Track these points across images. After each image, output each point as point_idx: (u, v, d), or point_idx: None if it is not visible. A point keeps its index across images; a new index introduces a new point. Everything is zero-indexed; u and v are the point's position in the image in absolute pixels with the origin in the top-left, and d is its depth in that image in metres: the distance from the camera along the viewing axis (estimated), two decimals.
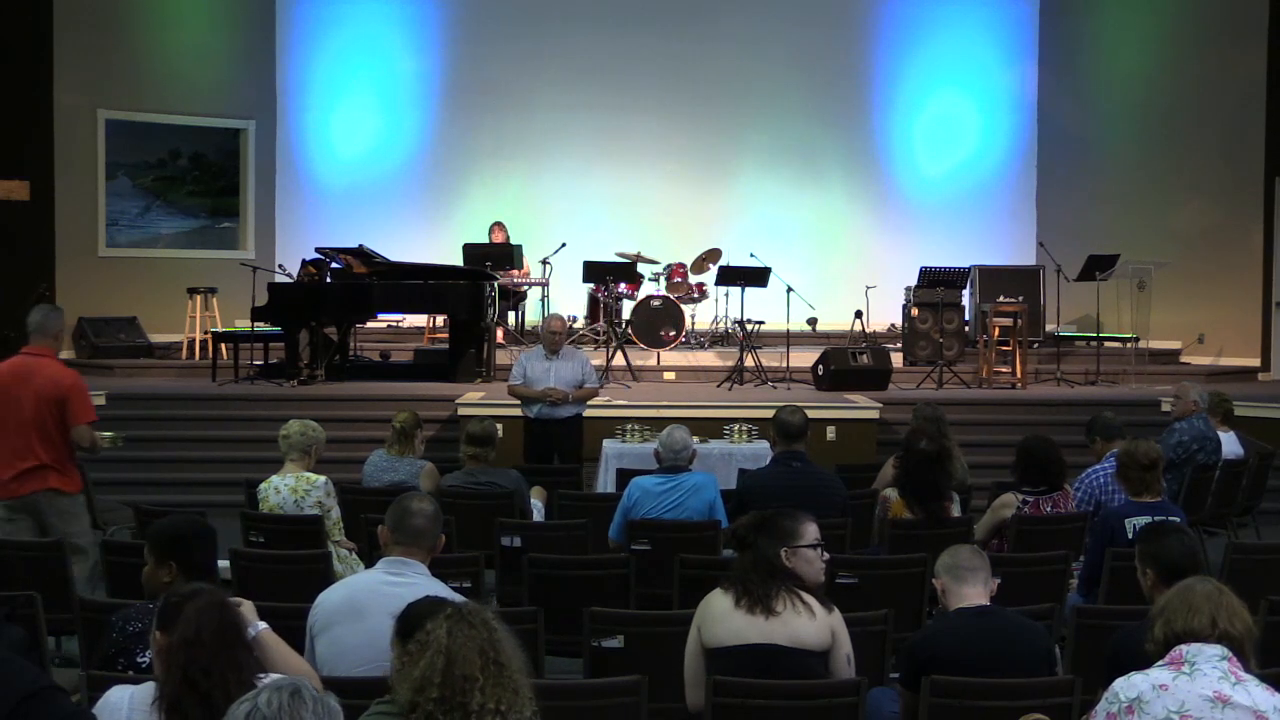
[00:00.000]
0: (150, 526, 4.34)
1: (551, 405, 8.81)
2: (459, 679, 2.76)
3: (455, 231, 15.07)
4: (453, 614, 2.87)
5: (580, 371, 9.02)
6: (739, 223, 15.67)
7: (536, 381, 8.88)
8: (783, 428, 6.61)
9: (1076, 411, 10.56)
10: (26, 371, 6.39)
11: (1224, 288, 14.12)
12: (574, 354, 9.27)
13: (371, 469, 7.20)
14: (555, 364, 8.96)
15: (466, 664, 2.77)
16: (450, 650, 2.79)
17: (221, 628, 3.14)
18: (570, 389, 8.87)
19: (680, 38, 15.84)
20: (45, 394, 6.30)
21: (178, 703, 3.04)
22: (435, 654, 2.80)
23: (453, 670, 2.77)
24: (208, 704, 3.00)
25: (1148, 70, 14.95)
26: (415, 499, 4.23)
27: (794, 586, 4.10)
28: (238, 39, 15.34)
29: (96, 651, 3.94)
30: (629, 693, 3.91)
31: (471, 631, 2.82)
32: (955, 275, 12.98)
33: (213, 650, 3.08)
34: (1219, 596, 3.32)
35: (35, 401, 6.30)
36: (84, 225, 14.17)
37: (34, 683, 2.89)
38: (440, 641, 2.81)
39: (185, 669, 3.06)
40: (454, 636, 2.81)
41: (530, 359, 9.09)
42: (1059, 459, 6.37)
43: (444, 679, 2.76)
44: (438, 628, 2.84)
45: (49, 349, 6.49)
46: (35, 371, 6.36)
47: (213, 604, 3.20)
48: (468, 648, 2.79)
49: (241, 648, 3.17)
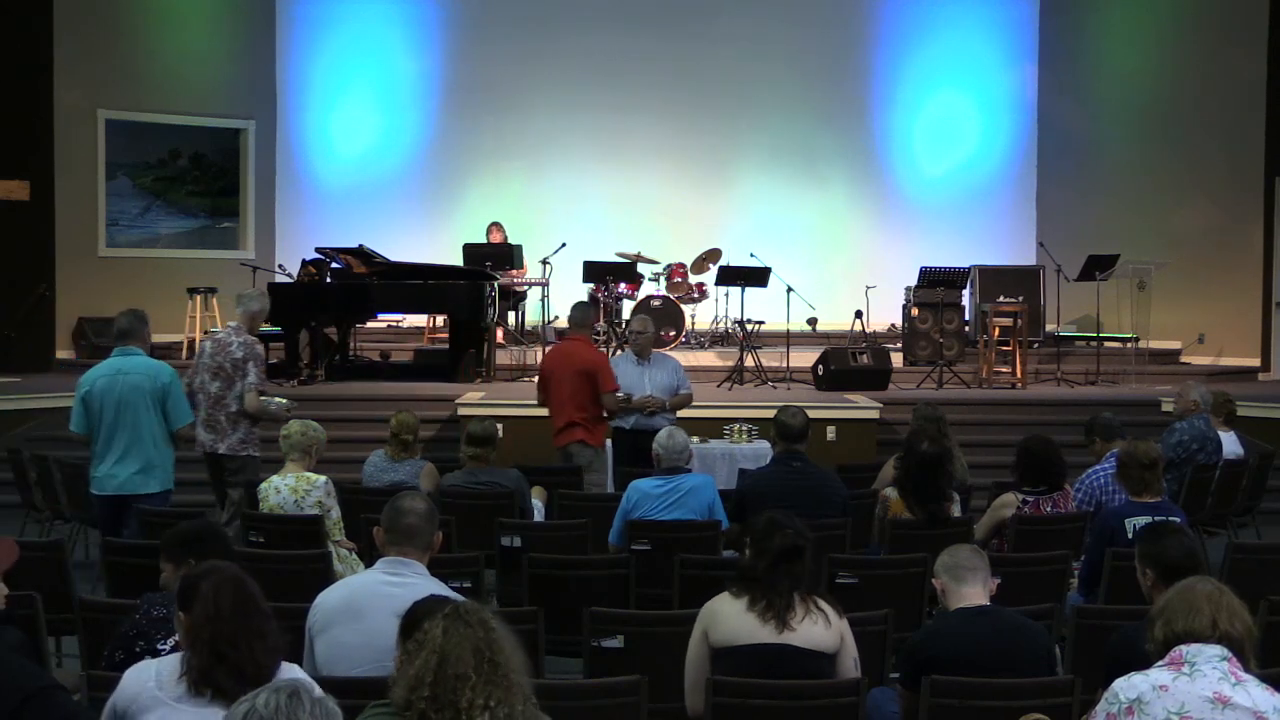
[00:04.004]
0: (164, 533, 4.36)
1: (648, 415, 8.19)
2: (451, 678, 2.77)
3: (455, 231, 15.07)
4: (450, 613, 2.88)
5: (675, 378, 8.48)
6: (739, 223, 15.67)
7: (630, 390, 8.24)
8: (783, 429, 6.61)
9: (1076, 411, 10.55)
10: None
11: (1224, 288, 14.12)
12: (665, 359, 8.70)
13: (371, 469, 7.20)
14: (649, 370, 8.41)
15: (459, 663, 2.79)
16: (444, 649, 2.81)
17: (240, 599, 3.22)
18: (666, 397, 8.35)
19: (680, 38, 15.84)
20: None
21: (208, 674, 3.12)
22: (430, 653, 2.81)
23: (445, 669, 2.78)
24: (239, 674, 3.09)
25: (1148, 70, 14.95)
26: (408, 498, 4.22)
27: (805, 593, 4.12)
28: (238, 39, 15.33)
29: (113, 634, 3.96)
30: (629, 693, 3.92)
31: (467, 630, 2.83)
32: (955, 275, 12.98)
33: (235, 622, 3.17)
34: (1219, 597, 3.32)
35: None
36: (84, 225, 14.16)
37: (36, 682, 2.89)
38: (435, 640, 2.82)
39: (212, 644, 3.14)
40: (449, 635, 2.82)
41: (619, 366, 8.38)
42: (1059, 459, 6.37)
43: (436, 677, 2.78)
44: (434, 627, 2.86)
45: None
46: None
47: (229, 578, 3.28)
48: (461, 646, 2.80)
49: (262, 616, 3.24)
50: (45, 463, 8.34)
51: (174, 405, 6.68)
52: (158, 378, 6.67)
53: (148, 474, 6.64)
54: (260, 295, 7.94)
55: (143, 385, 6.61)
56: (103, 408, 6.62)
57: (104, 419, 6.62)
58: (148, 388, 6.61)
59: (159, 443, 6.66)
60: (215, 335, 7.46)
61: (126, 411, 6.60)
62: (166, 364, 6.94)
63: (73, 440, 10.23)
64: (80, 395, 6.72)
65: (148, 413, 6.61)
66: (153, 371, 6.69)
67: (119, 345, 6.78)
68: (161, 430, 6.66)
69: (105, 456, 6.64)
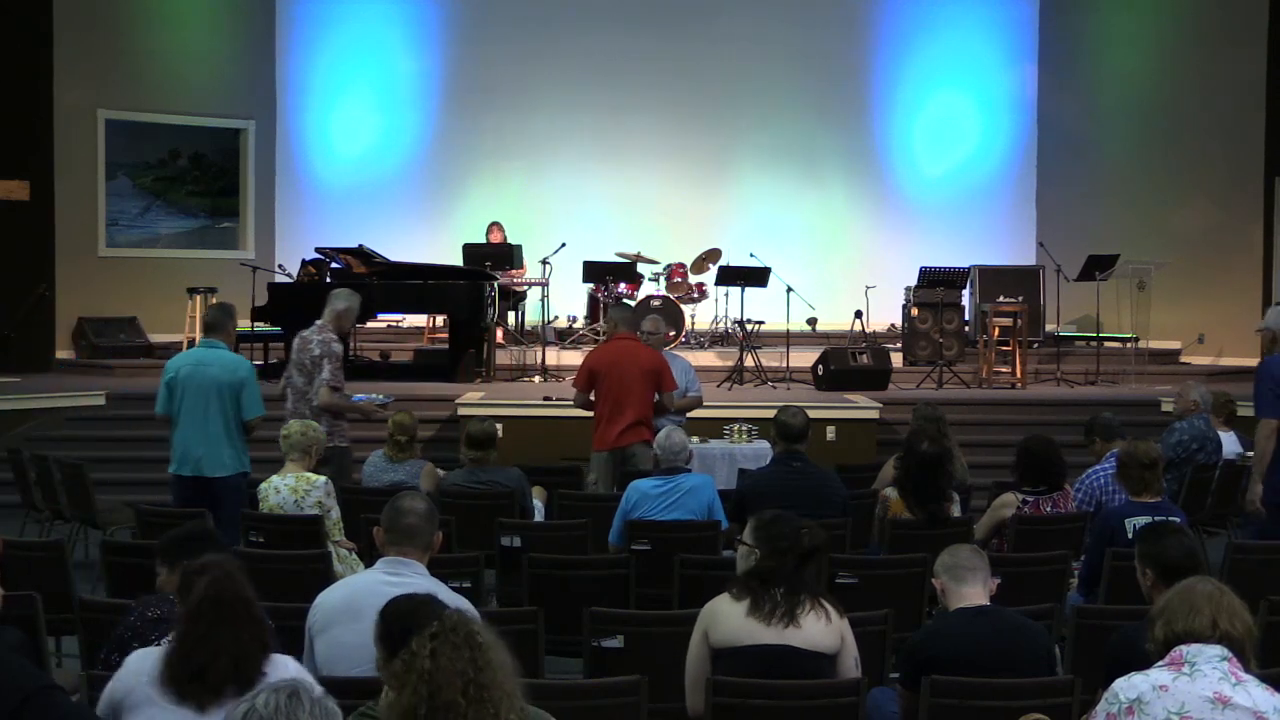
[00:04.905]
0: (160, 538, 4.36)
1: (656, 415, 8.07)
2: (442, 706, 2.73)
3: (455, 231, 15.06)
4: (438, 633, 2.80)
5: (685, 379, 8.51)
6: (739, 223, 15.66)
7: None
8: (783, 429, 6.61)
9: (1076, 411, 10.55)
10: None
11: (1224, 288, 14.12)
12: (675, 360, 8.68)
13: (372, 469, 7.20)
14: None
15: (449, 690, 2.73)
16: (433, 677, 2.74)
17: (237, 595, 3.24)
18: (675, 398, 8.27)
19: (680, 38, 15.83)
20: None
21: (202, 672, 3.14)
22: (420, 682, 2.75)
23: (436, 699, 2.73)
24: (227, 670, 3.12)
25: (1148, 70, 14.96)
26: (407, 498, 4.22)
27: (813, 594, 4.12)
28: (238, 39, 15.33)
29: (110, 636, 3.97)
30: (629, 693, 3.91)
31: (455, 654, 2.76)
32: (955, 275, 12.98)
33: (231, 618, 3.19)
34: (1220, 597, 3.31)
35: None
36: (84, 225, 14.16)
37: (36, 682, 2.89)
38: (424, 668, 2.75)
39: (200, 639, 3.16)
40: (437, 660, 2.76)
41: None
42: (1059, 459, 6.37)
43: (429, 710, 2.73)
44: (422, 649, 2.78)
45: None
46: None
47: (226, 573, 3.30)
48: (450, 672, 2.74)
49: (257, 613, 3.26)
50: (45, 463, 8.34)
51: (247, 398, 7.12)
52: (236, 372, 7.16)
53: (220, 458, 7.09)
54: (347, 294, 8.22)
55: (221, 378, 7.07)
56: (184, 394, 7.11)
57: (184, 405, 7.10)
58: (225, 380, 7.08)
59: (232, 430, 7.10)
60: (302, 333, 7.97)
61: (204, 400, 7.05)
62: (245, 359, 7.48)
63: (72, 440, 10.36)
64: (165, 380, 7.25)
65: (223, 403, 7.07)
66: (231, 365, 7.19)
67: (205, 337, 7.36)
68: (235, 420, 7.11)
69: (183, 439, 7.14)
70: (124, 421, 10.93)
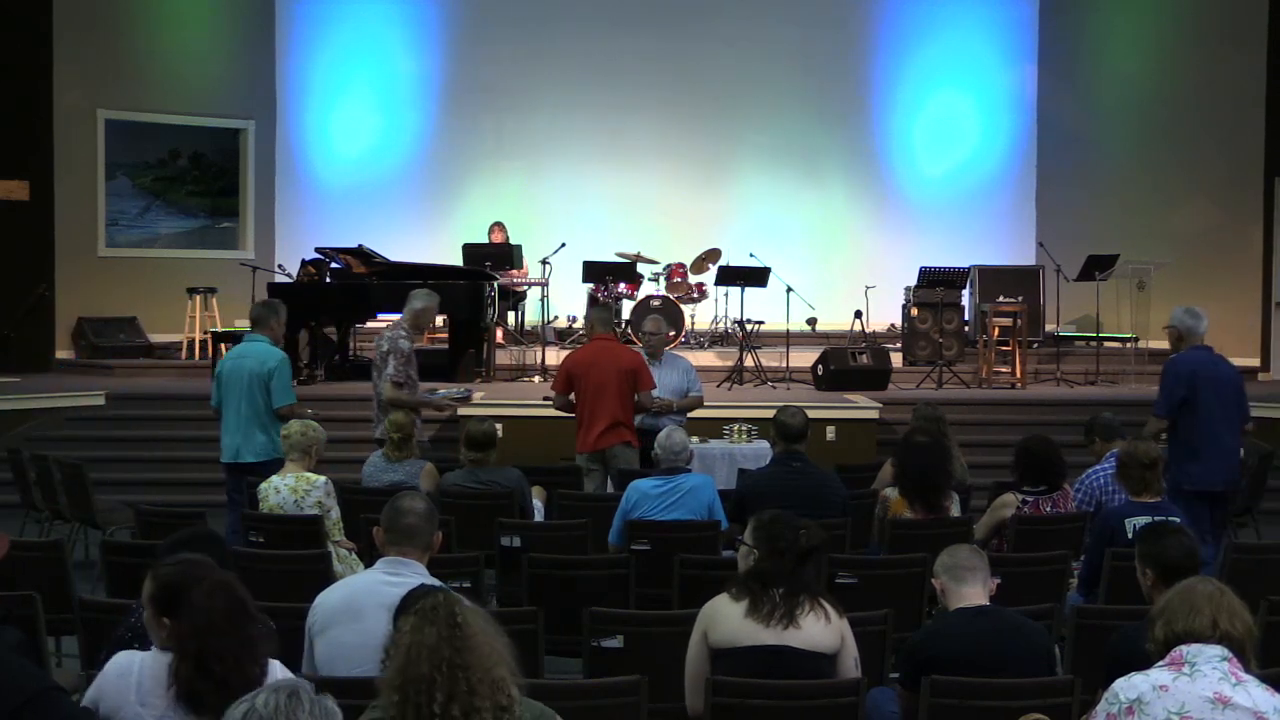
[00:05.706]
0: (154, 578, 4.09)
1: (654, 415, 8.06)
2: (413, 679, 2.75)
3: (455, 231, 15.07)
4: (421, 609, 2.84)
5: (685, 379, 8.47)
6: (739, 223, 15.67)
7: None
8: (783, 429, 6.61)
9: (1076, 411, 10.55)
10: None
11: (1224, 288, 14.11)
12: (676, 360, 8.67)
13: (371, 469, 7.20)
14: (660, 371, 8.29)
15: (420, 663, 2.76)
16: (408, 651, 2.78)
17: (232, 609, 3.14)
18: (675, 398, 8.33)
19: (680, 38, 15.84)
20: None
21: (193, 686, 3.05)
22: (397, 654, 2.80)
23: (408, 671, 2.76)
24: (225, 688, 2.99)
25: (1148, 70, 14.96)
26: (407, 498, 4.22)
27: (812, 594, 4.12)
28: (237, 39, 15.33)
29: (110, 637, 3.94)
30: (629, 693, 3.91)
31: (431, 630, 2.79)
32: (955, 275, 12.98)
33: (226, 634, 3.09)
34: (1220, 597, 3.31)
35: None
36: (84, 225, 14.16)
37: (37, 683, 2.89)
38: (402, 641, 2.81)
39: (199, 656, 3.06)
40: (415, 635, 2.80)
41: None
42: (1059, 459, 6.38)
43: (402, 681, 2.76)
44: (405, 624, 2.85)
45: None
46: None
47: (220, 586, 3.19)
48: (422, 645, 2.77)
49: (252, 625, 3.17)
50: (45, 463, 8.34)
51: (276, 387, 7.49)
52: (266, 362, 7.51)
53: (251, 445, 7.47)
54: (425, 294, 8.52)
55: (254, 369, 7.50)
56: (227, 386, 7.56)
57: (227, 396, 7.56)
58: (258, 371, 7.49)
59: (264, 419, 7.46)
60: (383, 330, 8.42)
61: (239, 391, 7.48)
62: (279, 350, 7.72)
63: (72, 440, 10.37)
64: (214, 374, 7.82)
65: (256, 392, 7.47)
66: (263, 356, 7.54)
67: (250, 332, 7.82)
68: (267, 408, 7.47)
69: (225, 428, 7.60)
70: (124, 421, 10.94)
